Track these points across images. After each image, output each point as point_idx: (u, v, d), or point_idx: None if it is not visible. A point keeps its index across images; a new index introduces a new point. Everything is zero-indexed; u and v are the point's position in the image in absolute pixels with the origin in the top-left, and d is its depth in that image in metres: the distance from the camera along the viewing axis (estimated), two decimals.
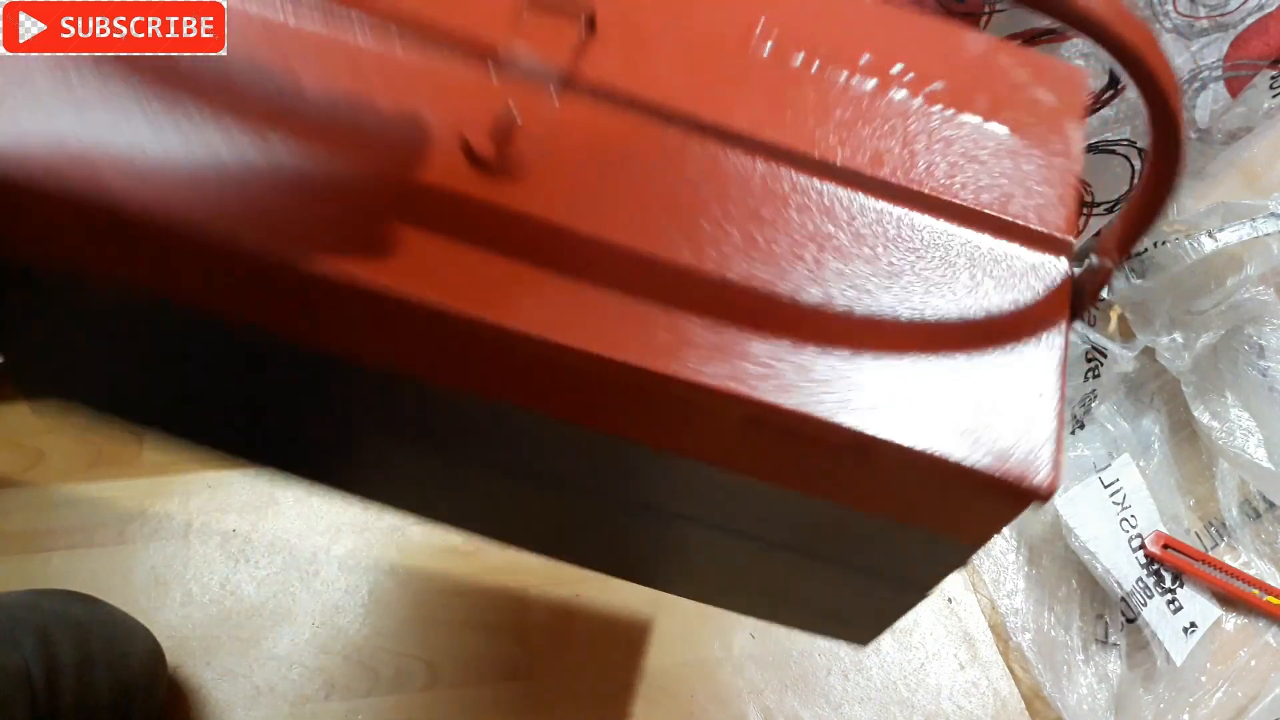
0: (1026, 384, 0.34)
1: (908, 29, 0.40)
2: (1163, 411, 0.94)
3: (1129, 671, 0.83)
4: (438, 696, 0.80)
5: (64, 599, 0.70)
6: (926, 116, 0.39)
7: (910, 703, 0.83)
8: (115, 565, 0.85)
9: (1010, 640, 0.85)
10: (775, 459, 0.35)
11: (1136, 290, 0.89)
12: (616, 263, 0.34)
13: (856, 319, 0.34)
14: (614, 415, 0.36)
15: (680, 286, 0.34)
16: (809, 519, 0.39)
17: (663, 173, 0.36)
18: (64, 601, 0.70)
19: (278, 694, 0.80)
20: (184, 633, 0.82)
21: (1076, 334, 0.88)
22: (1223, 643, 0.85)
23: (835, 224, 0.36)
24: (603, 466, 0.40)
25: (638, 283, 0.34)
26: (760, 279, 0.34)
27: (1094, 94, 0.76)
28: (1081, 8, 0.28)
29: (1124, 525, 0.86)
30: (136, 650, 0.72)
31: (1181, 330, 0.88)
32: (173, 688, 0.79)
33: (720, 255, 0.34)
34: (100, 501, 0.88)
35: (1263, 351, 0.88)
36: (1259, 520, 0.91)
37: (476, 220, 0.34)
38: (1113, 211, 0.85)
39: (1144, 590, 0.84)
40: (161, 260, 0.35)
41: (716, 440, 0.35)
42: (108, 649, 0.68)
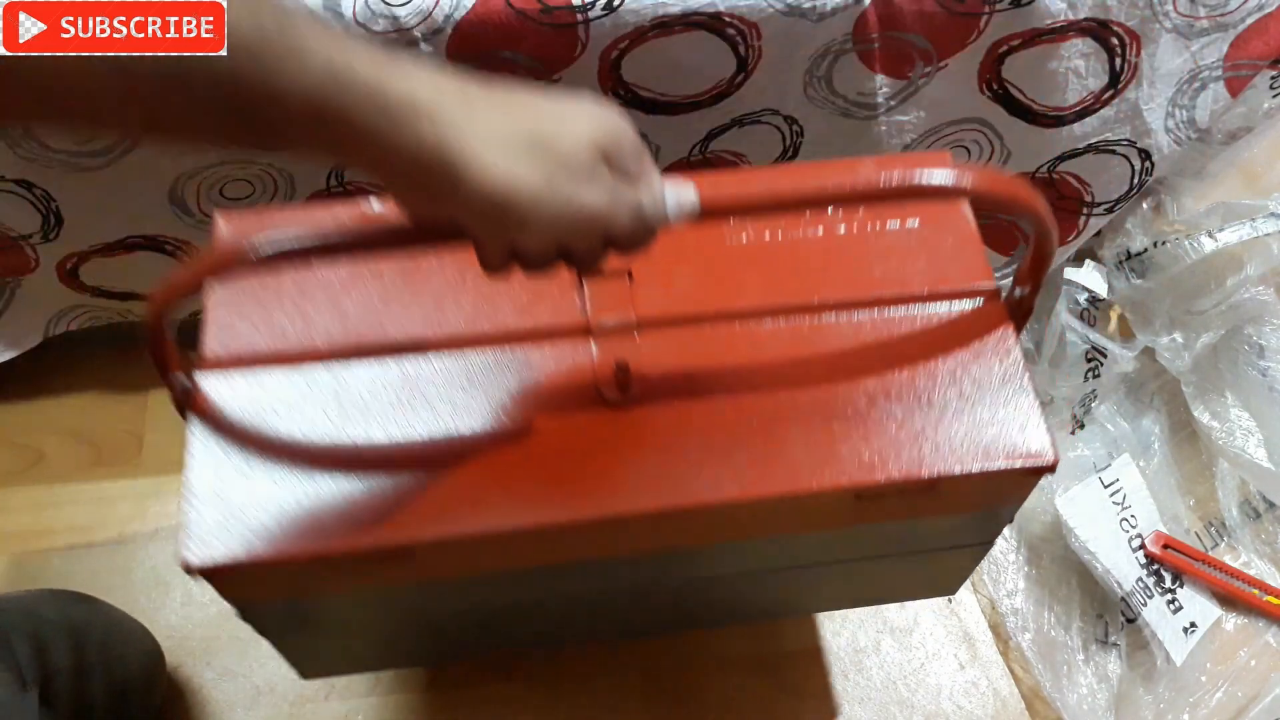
0: (1007, 393, 0.51)
1: (822, 174, 0.51)
2: (1163, 411, 0.94)
3: (1129, 671, 0.83)
4: (437, 697, 0.80)
5: (62, 602, 0.70)
6: (864, 239, 0.55)
7: (910, 703, 0.83)
8: (115, 565, 0.85)
9: (1010, 640, 0.85)
10: (870, 512, 0.52)
11: (1136, 290, 0.89)
12: (744, 425, 0.50)
13: (891, 402, 0.50)
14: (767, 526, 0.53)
15: (781, 424, 0.50)
16: (896, 534, 0.57)
17: (729, 348, 0.52)
18: (61, 605, 0.70)
19: (278, 694, 0.80)
20: (184, 633, 0.82)
21: (1077, 334, 0.88)
22: (1223, 643, 0.85)
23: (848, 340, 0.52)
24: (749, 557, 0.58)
25: (762, 433, 0.49)
26: (824, 402, 0.50)
27: (1094, 94, 0.76)
28: (977, 189, 0.45)
29: (1124, 525, 0.86)
30: (134, 651, 0.72)
31: (1181, 330, 0.88)
32: (173, 688, 0.79)
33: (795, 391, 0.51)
34: (100, 501, 0.88)
35: (1263, 351, 0.88)
36: (1259, 520, 0.90)
37: (628, 439, 0.49)
38: (1113, 211, 0.85)
39: (1144, 590, 0.84)
40: (422, 562, 0.49)
41: (834, 515, 0.53)
42: (103, 652, 0.68)
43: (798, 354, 0.52)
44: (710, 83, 0.70)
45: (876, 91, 0.74)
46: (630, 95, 0.70)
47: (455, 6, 0.62)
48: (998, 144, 0.80)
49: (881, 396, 0.50)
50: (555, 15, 0.63)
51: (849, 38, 0.69)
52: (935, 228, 0.55)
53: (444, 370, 0.51)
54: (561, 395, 0.50)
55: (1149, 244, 0.87)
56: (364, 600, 0.54)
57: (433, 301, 0.53)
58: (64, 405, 0.92)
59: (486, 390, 0.51)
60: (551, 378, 0.51)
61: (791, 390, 0.50)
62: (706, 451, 0.49)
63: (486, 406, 0.50)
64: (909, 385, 0.51)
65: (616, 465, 0.49)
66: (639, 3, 0.64)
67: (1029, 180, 0.83)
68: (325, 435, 0.49)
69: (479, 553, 0.50)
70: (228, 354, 0.51)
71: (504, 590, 0.56)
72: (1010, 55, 0.72)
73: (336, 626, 0.59)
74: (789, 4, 0.66)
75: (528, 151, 0.35)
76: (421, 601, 0.56)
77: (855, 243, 0.55)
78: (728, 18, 0.65)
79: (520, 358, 0.51)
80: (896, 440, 0.49)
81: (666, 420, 0.50)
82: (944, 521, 0.56)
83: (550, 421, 0.50)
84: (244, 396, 0.50)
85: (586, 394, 0.50)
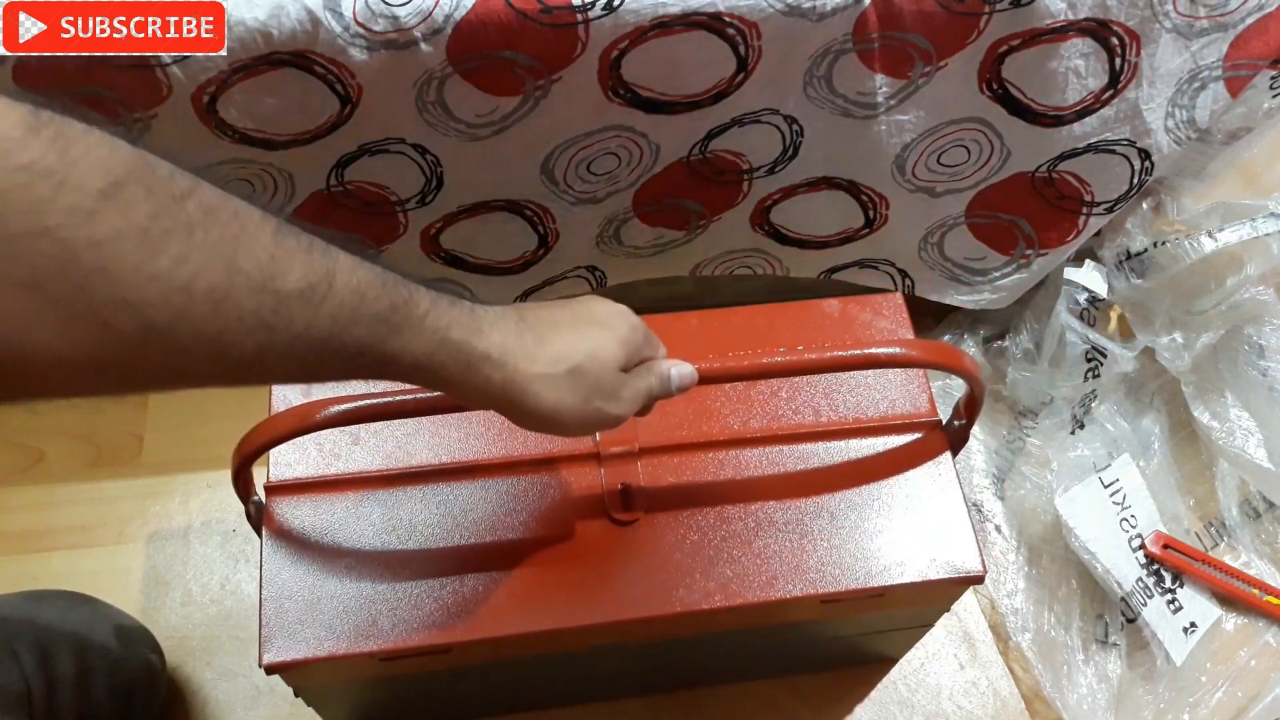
0: (945, 512, 0.63)
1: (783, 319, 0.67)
2: (1163, 411, 0.94)
3: (1129, 671, 0.83)
4: None
5: (63, 605, 0.70)
6: (832, 377, 0.67)
7: (910, 703, 0.83)
8: (115, 565, 0.85)
9: (1010, 640, 0.85)
10: (831, 611, 0.64)
11: (1136, 290, 0.89)
12: (729, 538, 0.61)
13: (849, 520, 0.62)
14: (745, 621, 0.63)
15: (758, 538, 0.61)
16: (854, 623, 0.71)
17: (716, 471, 0.63)
18: (62, 609, 0.70)
19: (278, 694, 0.80)
20: (184, 633, 0.82)
21: (1076, 334, 0.88)
22: (1223, 643, 0.85)
23: (815, 465, 0.64)
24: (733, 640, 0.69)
25: (742, 546, 0.60)
26: (794, 521, 0.62)
27: (1094, 94, 0.76)
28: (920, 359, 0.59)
29: (1124, 525, 0.86)
30: (136, 653, 0.72)
31: (1181, 330, 0.88)
32: (173, 688, 0.79)
33: (770, 509, 0.62)
34: (100, 501, 0.88)
35: (1263, 351, 0.88)
36: (1259, 520, 0.91)
37: (631, 553, 0.60)
38: (1112, 211, 0.85)
39: (1144, 590, 0.84)
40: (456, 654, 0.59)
41: (801, 612, 0.64)
42: (106, 656, 0.68)
43: (772, 475, 0.63)
44: (710, 82, 0.70)
45: (876, 91, 0.74)
46: (630, 95, 0.70)
47: (455, 6, 0.62)
48: (997, 144, 0.80)
49: (841, 516, 0.62)
50: (555, 15, 0.63)
51: (849, 37, 0.69)
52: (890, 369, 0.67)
53: (474, 493, 0.61)
54: (575, 515, 0.61)
55: (1149, 244, 0.87)
56: (404, 681, 0.64)
57: (461, 431, 0.63)
58: (64, 405, 0.92)
59: (511, 511, 0.61)
60: (566, 499, 0.61)
61: (767, 508, 0.62)
62: (697, 563, 0.60)
63: (511, 525, 0.61)
64: (865, 506, 0.62)
65: (621, 576, 0.59)
66: (639, 3, 0.64)
67: (1029, 179, 0.83)
68: (374, 550, 0.59)
69: (504, 647, 0.60)
70: (292, 479, 0.61)
71: (524, 670, 0.68)
72: (1010, 55, 0.72)
73: (378, 699, 0.69)
74: (789, 4, 0.66)
75: (568, 382, 0.46)
76: (452, 681, 0.67)
77: (822, 378, 0.67)
78: (728, 17, 0.65)
79: (540, 482, 0.62)
80: (854, 556, 0.61)
81: (663, 536, 0.61)
82: (892, 614, 0.70)
83: (565, 537, 0.60)
84: (306, 517, 0.60)
85: (596, 513, 0.61)
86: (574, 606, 0.58)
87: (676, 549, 0.60)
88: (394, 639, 0.57)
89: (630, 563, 0.60)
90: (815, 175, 0.83)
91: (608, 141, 0.75)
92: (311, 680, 0.61)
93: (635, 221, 0.86)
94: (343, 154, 0.72)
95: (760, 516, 0.62)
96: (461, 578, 0.59)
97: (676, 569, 0.60)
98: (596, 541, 0.60)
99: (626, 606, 0.58)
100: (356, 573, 0.58)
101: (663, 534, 0.61)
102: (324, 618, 0.57)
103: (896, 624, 0.74)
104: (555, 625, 0.57)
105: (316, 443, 0.62)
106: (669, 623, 0.59)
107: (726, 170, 0.80)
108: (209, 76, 0.62)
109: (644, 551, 0.60)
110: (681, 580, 0.59)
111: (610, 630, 0.59)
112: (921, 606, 0.69)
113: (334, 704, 0.69)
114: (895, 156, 0.80)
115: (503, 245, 0.85)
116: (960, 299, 0.93)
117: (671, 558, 0.60)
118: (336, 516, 0.60)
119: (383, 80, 0.65)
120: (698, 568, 0.60)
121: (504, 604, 0.58)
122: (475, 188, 0.78)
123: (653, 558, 0.60)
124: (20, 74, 0.60)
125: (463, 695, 0.73)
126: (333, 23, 0.62)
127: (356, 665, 0.58)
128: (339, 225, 0.75)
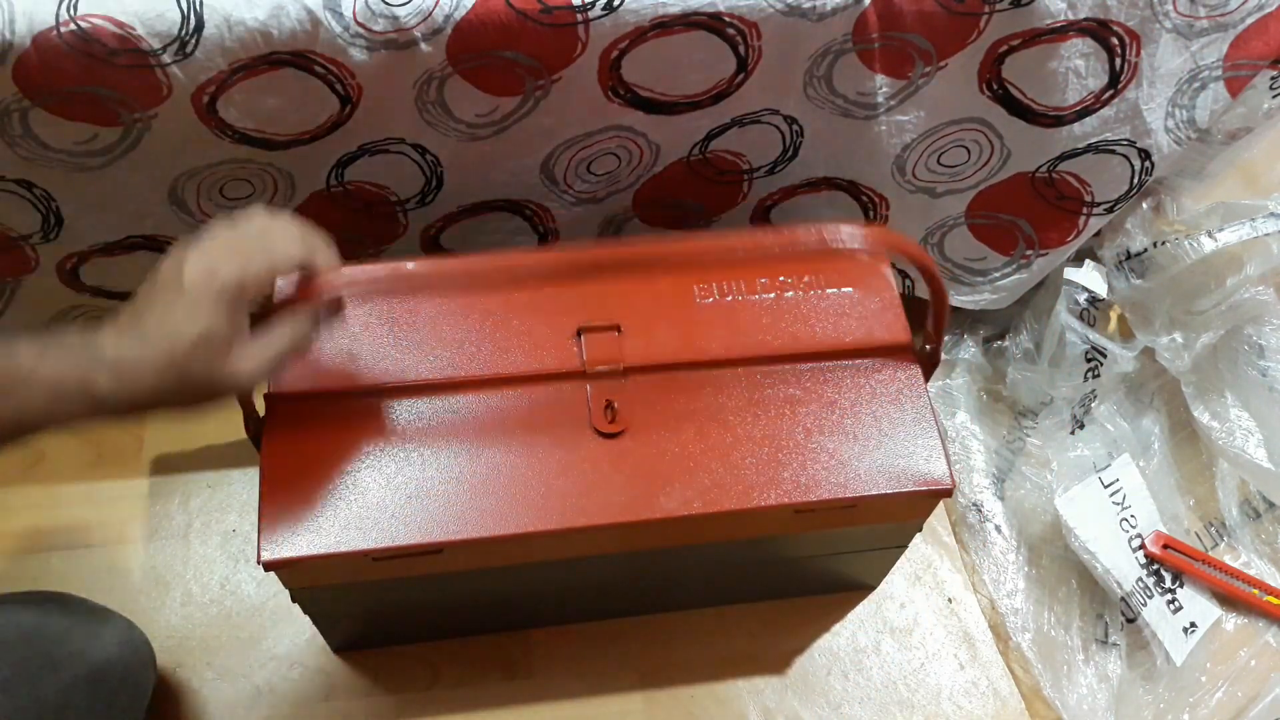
0: (915, 428, 0.66)
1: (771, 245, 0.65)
2: (1163, 411, 0.94)
3: (1129, 671, 0.83)
4: (438, 696, 0.80)
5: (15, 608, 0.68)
6: (809, 301, 0.70)
7: (910, 703, 0.83)
8: (115, 565, 0.85)
9: (1010, 640, 0.85)
10: (805, 523, 0.68)
11: (1136, 290, 0.89)
12: (708, 453, 0.64)
13: (824, 436, 0.65)
14: (723, 533, 0.68)
15: (735, 452, 0.64)
16: (828, 539, 0.74)
17: (697, 390, 0.66)
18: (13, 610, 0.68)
19: (278, 694, 0.80)
20: (184, 633, 0.82)
21: (1076, 334, 0.88)
22: (1223, 643, 0.85)
23: (792, 387, 0.67)
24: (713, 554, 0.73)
25: (720, 459, 0.64)
26: (770, 436, 0.65)
27: (1094, 94, 0.76)
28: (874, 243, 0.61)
29: (1124, 525, 0.86)
30: (101, 643, 0.69)
31: (1181, 330, 0.88)
32: (173, 688, 0.79)
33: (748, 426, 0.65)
34: (100, 501, 0.88)
35: (1263, 351, 0.88)
36: (1259, 520, 0.90)
37: (621, 464, 0.63)
38: (1112, 211, 0.85)
39: (1144, 590, 0.84)
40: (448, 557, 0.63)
41: (776, 524, 0.68)
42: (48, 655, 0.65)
43: (750, 394, 0.66)
44: (710, 82, 0.70)
45: (876, 91, 0.74)
46: (630, 95, 0.70)
47: (455, 6, 0.62)
48: (997, 144, 0.80)
49: (815, 432, 0.65)
50: (555, 15, 0.63)
51: (849, 37, 0.69)
52: (865, 293, 0.70)
53: (466, 406, 0.64)
54: (562, 427, 0.64)
55: (1149, 244, 0.87)
56: (396, 586, 0.67)
57: (453, 349, 0.66)
58: None
59: (501, 423, 0.64)
60: (554, 412, 0.64)
61: (745, 425, 0.65)
62: (676, 473, 0.63)
63: (501, 436, 0.63)
64: (838, 423, 0.65)
65: (605, 484, 0.62)
66: (639, 3, 0.64)
67: (1029, 179, 0.83)
68: (369, 459, 0.62)
69: (494, 551, 0.63)
70: (291, 390, 0.63)
71: (513, 579, 0.70)
72: (1010, 55, 0.72)
73: (371, 606, 0.73)
74: (789, 4, 0.66)
75: (170, 374, 0.49)
76: (441, 592, 0.70)
77: (801, 304, 0.69)
78: (728, 17, 0.65)
79: (529, 396, 0.65)
80: (826, 468, 0.64)
81: (645, 449, 0.64)
82: (865, 530, 0.73)
83: (553, 448, 0.63)
84: (304, 427, 0.62)
85: (582, 426, 0.64)
86: (560, 511, 0.61)
87: (658, 460, 0.63)
88: (387, 539, 0.60)
89: (614, 472, 0.62)
90: (815, 176, 0.83)
91: (608, 141, 0.75)
92: (306, 580, 0.65)
93: (635, 221, 0.86)
94: (343, 154, 0.72)
95: (739, 432, 0.64)
96: (453, 485, 0.61)
97: (657, 478, 0.63)
98: (583, 452, 0.63)
99: (610, 511, 0.61)
100: (352, 479, 0.61)
101: (645, 447, 0.63)
102: (320, 520, 0.60)
103: (870, 543, 0.77)
104: (541, 527, 0.61)
105: (314, 356, 0.64)
106: (650, 529, 0.63)
107: (727, 170, 0.80)
108: (209, 76, 0.62)
109: (627, 462, 0.63)
110: (662, 488, 0.62)
111: (594, 535, 0.62)
112: (893, 522, 0.72)
113: (328, 610, 0.72)
114: (895, 157, 0.80)
115: (503, 245, 0.85)
116: (960, 299, 0.93)
117: (653, 468, 0.63)
118: (333, 426, 0.63)
119: (383, 80, 0.65)
120: (677, 478, 0.63)
121: (494, 508, 0.61)
122: (475, 188, 0.78)
123: (635, 468, 0.63)
124: (20, 74, 0.60)
125: (451, 609, 0.76)
126: (333, 23, 0.62)
127: (350, 565, 0.62)
128: (339, 225, 0.75)
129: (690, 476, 0.63)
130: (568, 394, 0.65)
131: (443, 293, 0.68)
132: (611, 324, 0.67)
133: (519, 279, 0.68)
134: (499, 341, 0.66)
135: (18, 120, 0.63)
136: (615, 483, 0.62)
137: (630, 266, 0.67)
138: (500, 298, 0.68)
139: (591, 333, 0.66)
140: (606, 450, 0.63)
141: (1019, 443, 0.93)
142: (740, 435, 0.64)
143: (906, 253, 0.59)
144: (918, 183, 0.83)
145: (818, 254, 0.71)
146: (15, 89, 0.61)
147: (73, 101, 0.62)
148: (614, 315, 0.67)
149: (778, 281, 0.70)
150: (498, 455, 0.63)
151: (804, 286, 0.70)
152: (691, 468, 0.63)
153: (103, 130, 0.65)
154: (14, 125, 0.63)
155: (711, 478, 0.63)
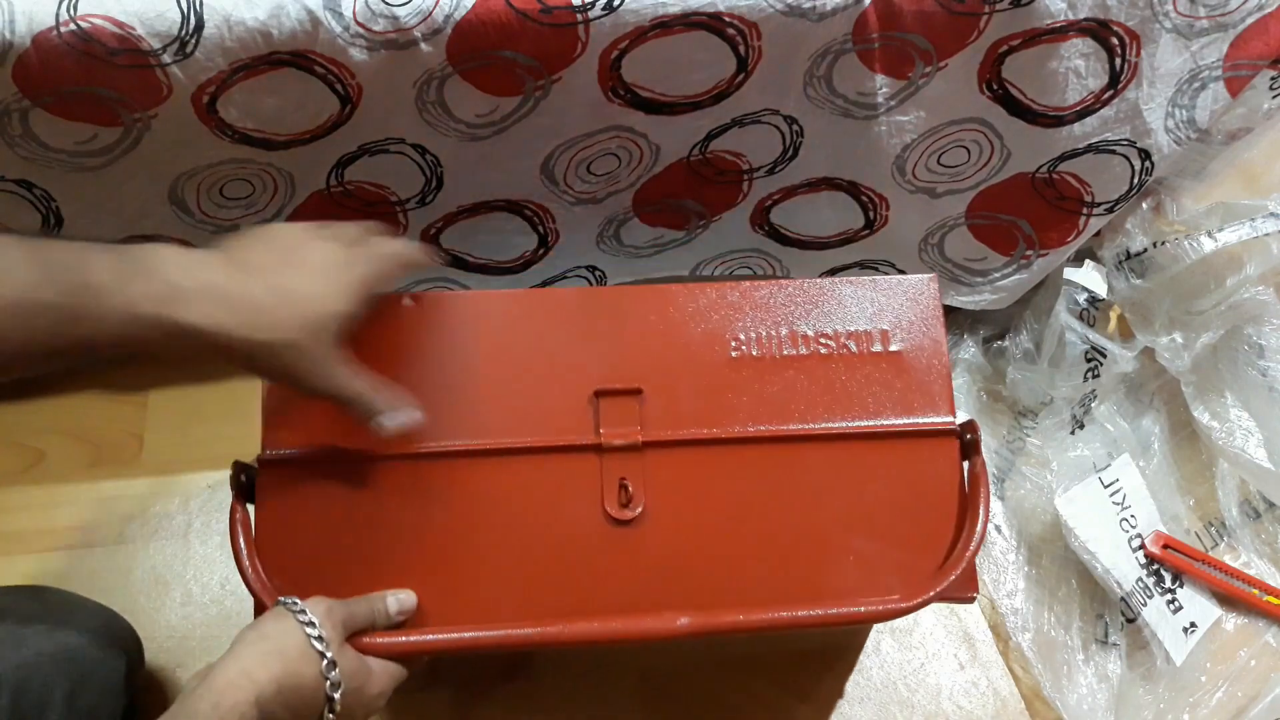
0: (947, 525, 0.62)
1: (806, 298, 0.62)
2: (1163, 411, 0.94)
3: (1129, 671, 0.83)
4: (438, 696, 0.80)
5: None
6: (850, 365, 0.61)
7: (910, 703, 0.83)
8: (115, 565, 0.85)
9: (1010, 640, 0.85)
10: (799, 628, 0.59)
11: (1136, 290, 0.89)
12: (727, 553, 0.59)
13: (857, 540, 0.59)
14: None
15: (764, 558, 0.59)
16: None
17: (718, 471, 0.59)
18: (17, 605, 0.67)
19: None
20: (184, 633, 0.82)
21: (1076, 334, 0.88)
22: (1223, 643, 0.85)
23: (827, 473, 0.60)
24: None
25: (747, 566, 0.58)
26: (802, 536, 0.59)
27: (1094, 94, 0.76)
28: None
29: (1124, 525, 0.86)
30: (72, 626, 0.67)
31: (1181, 330, 0.88)
32: (173, 688, 0.79)
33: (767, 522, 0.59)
34: (100, 501, 0.88)
35: (1263, 351, 0.88)
36: (1259, 520, 0.90)
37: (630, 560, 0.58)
38: (1112, 211, 0.85)
39: (1144, 590, 0.84)
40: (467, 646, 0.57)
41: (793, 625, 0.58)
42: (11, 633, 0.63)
43: (778, 479, 0.60)
44: (710, 83, 0.70)
45: (876, 91, 0.74)
46: (630, 95, 0.70)
47: (455, 6, 0.62)
48: (997, 144, 0.80)
49: (845, 530, 0.59)
50: (555, 15, 0.63)
51: (849, 37, 0.69)
52: (911, 354, 0.62)
53: (465, 478, 0.58)
54: (571, 508, 0.58)
55: (1149, 244, 0.87)
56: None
57: (453, 415, 0.59)
58: (64, 405, 0.92)
59: (507, 498, 0.58)
60: (562, 491, 0.59)
61: (770, 517, 0.59)
62: (691, 576, 0.58)
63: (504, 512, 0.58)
64: (869, 519, 0.59)
65: (611, 579, 0.58)
66: (639, 3, 0.64)
67: (1029, 179, 0.83)
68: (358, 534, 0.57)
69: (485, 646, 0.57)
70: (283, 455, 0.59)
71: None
72: (1010, 55, 0.72)
73: None
74: (789, 4, 0.66)
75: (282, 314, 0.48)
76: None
77: (842, 367, 0.62)
78: (728, 17, 0.65)
79: (537, 469, 0.59)
80: (854, 580, 0.58)
81: (659, 541, 0.58)
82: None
83: (559, 532, 0.58)
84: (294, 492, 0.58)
85: (593, 508, 0.59)
86: (557, 609, 0.56)
87: (671, 558, 0.58)
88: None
89: (622, 568, 0.58)
90: (815, 176, 0.83)
91: (608, 142, 0.75)
92: None
93: (635, 221, 0.86)
94: (343, 154, 0.72)
95: (761, 528, 0.59)
96: (444, 571, 0.57)
97: (669, 580, 0.57)
98: (590, 542, 0.58)
99: (611, 616, 0.56)
100: (339, 556, 0.57)
101: (658, 538, 0.58)
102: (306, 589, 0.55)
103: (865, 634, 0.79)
104: (532, 631, 0.55)
105: (308, 419, 0.59)
106: (654, 639, 0.56)
107: (726, 170, 0.80)
108: (209, 76, 0.62)
109: (638, 558, 0.58)
110: (672, 592, 0.57)
111: (592, 639, 0.56)
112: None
113: None
114: (895, 157, 0.80)
115: (503, 245, 0.85)
116: (960, 299, 0.93)
117: (665, 566, 0.58)
118: (324, 495, 0.58)
119: (382, 80, 0.65)
120: (690, 581, 0.57)
121: (481, 599, 0.57)
122: (475, 188, 0.78)
123: (646, 564, 0.58)
124: (20, 74, 0.60)
125: None
126: (333, 23, 0.62)
127: None
128: None
129: (704, 579, 0.57)
130: (579, 469, 0.59)
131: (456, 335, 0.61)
132: (633, 387, 0.60)
133: None
134: (507, 401, 0.59)
135: (18, 120, 0.63)
136: (621, 579, 0.57)
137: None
138: (520, 343, 0.61)
139: (610, 397, 0.60)
140: (615, 541, 0.58)
141: (1019, 443, 0.93)
142: (763, 531, 0.59)
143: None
144: (918, 183, 0.83)
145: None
146: (15, 89, 0.61)
147: (73, 101, 0.62)
148: (637, 372, 0.60)
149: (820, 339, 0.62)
150: (494, 535, 0.58)
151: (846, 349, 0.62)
152: (707, 569, 0.58)
153: (103, 130, 0.65)
154: (14, 125, 0.63)
155: (729, 580, 0.58)
